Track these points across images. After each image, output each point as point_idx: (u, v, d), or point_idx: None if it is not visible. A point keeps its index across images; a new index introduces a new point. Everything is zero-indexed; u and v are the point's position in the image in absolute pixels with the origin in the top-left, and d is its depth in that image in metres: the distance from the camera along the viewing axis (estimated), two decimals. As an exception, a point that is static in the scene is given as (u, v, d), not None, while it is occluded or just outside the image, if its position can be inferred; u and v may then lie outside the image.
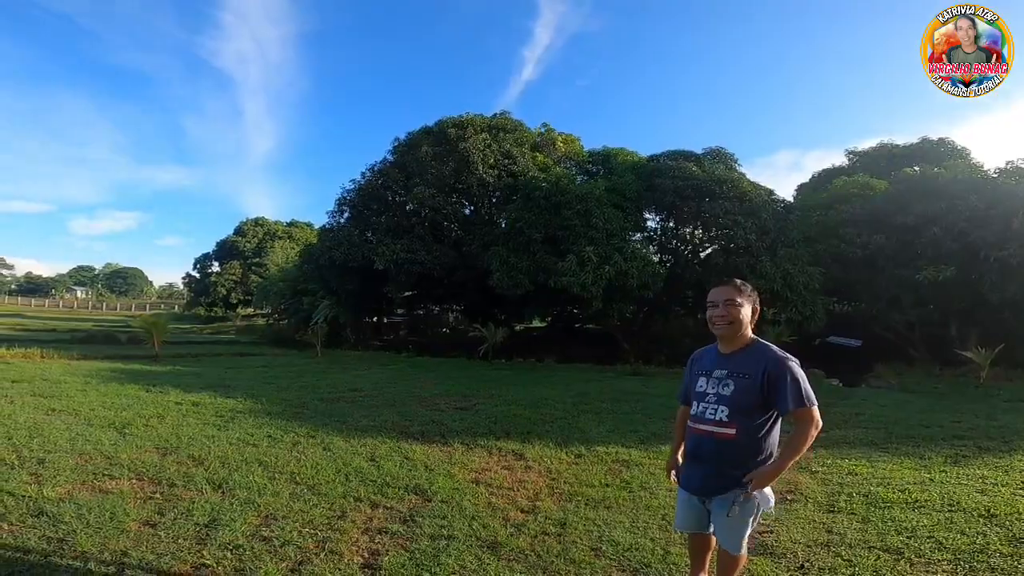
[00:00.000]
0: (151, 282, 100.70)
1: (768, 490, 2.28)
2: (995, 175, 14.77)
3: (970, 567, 2.80)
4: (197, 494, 3.71)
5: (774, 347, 2.29)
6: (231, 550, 2.91)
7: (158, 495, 3.68)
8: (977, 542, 3.10)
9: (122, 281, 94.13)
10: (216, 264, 49.45)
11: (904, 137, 35.53)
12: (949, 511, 3.60)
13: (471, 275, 17.07)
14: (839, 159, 21.99)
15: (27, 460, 4.27)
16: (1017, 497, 3.82)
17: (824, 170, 22.01)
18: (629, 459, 4.90)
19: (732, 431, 2.25)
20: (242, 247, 47.16)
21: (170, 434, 5.30)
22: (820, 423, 2.20)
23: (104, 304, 67.35)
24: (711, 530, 2.45)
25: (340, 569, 2.74)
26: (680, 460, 2.59)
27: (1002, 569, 2.75)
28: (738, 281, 2.40)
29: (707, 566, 2.65)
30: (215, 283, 45.67)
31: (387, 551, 2.97)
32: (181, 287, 70.21)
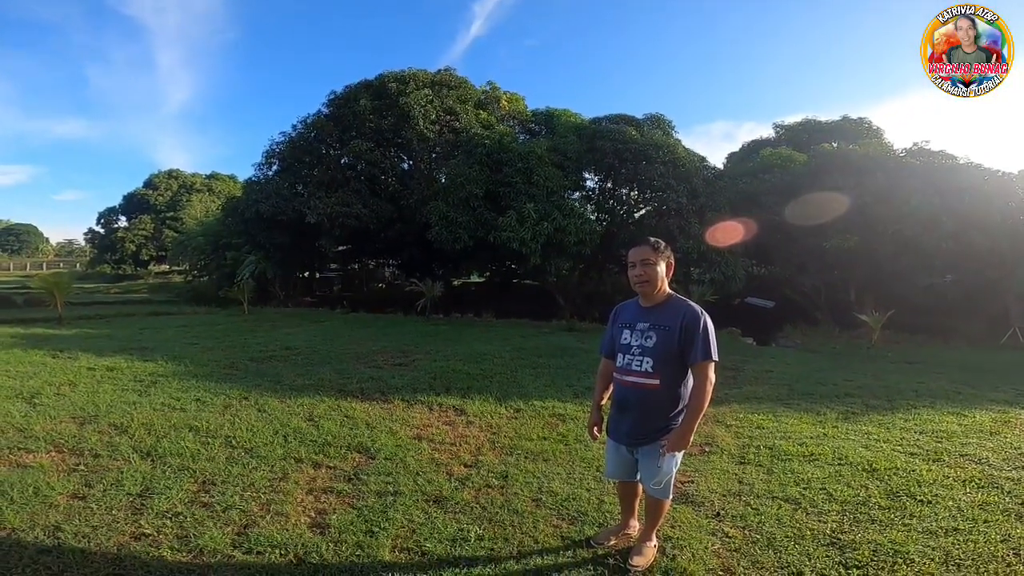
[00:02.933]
0: (48, 239, 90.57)
1: None
2: (902, 155, 16.05)
3: (854, 518, 3.10)
4: (125, 463, 3.54)
5: (690, 301, 2.46)
6: (170, 518, 2.83)
7: (82, 466, 3.48)
8: (860, 495, 3.41)
9: (14, 239, 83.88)
10: (124, 219, 45.16)
11: (828, 114, 37.58)
12: (838, 465, 3.94)
13: (409, 229, 16.75)
14: (768, 132, 23.04)
15: None
16: (896, 453, 4.22)
17: (753, 141, 23.00)
18: (565, 413, 5.11)
19: (656, 381, 2.41)
20: (153, 200, 43.20)
21: (86, 402, 4.96)
22: (714, 379, 2.37)
23: (-8, 260, 60.19)
24: (638, 478, 2.64)
25: (288, 530, 2.75)
26: (601, 415, 2.74)
27: (880, 520, 3.07)
28: (652, 240, 2.53)
29: (636, 511, 2.87)
30: (123, 239, 41.79)
31: (334, 510, 3.00)
32: (83, 244, 63.84)
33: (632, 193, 17.87)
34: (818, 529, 2.94)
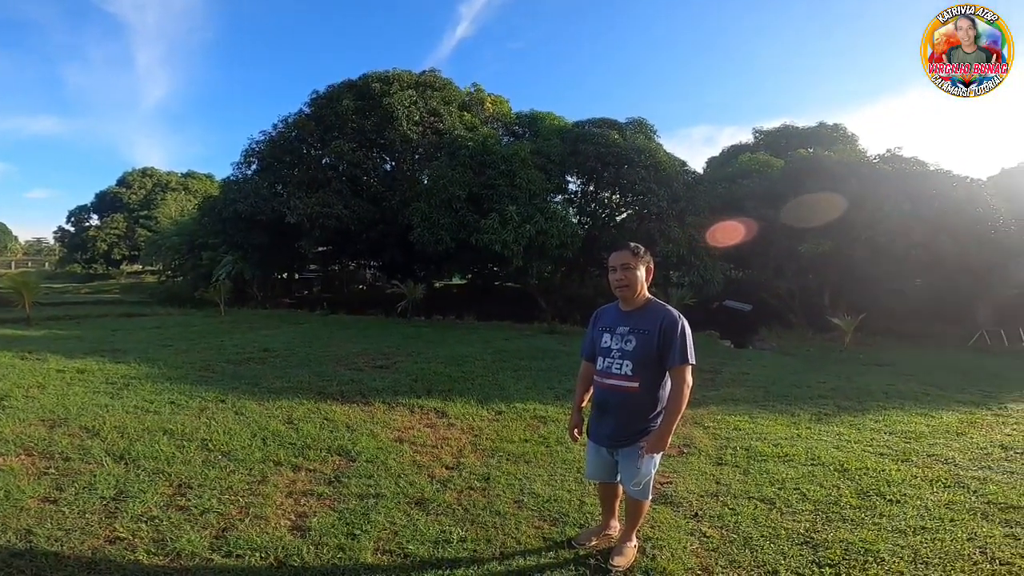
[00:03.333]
0: (16, 238, 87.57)
1: None
2: (875, 161, 16.49)
3: (827, 517, 3.17)
4: (97, 467, 3.45)
5: (668, 306, 2.51)
6: (145, 521, 2.78)
7: (53, 470, 3.39)
8: (832, 494, 3.49)
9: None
10: (95, 217, 44.01)
11: (805, 120, 38.49)
12: (811, 465, 4.03)
13: (391, 231, 16.66)
14: (747, 137, 23.44)
15: None
16: (866, 453, 4.34)
17: (732, 146, 23.37)
18: (546, 415, 5.14)
19: (636, 384, 2.45)
20: (127, 199, 42.20)
21: (55, 405, 4.83)
22: (691, 383, 2.43)
23: (-45, 258, 58.00)
24: (618, 479, 2.67)
25: (268, 533, 2.72)
26: (581, 417, 2.78)
27: (851, 519, 3.15)
28: (633, 245, 2.57)
29: (616, 512, 2.90)
30: (94, 238, 40.71)
31: (315, 513, 2.97)
32: (52, 243, 61.96)
33: (614, 196, 18.03)
34: (792, 528, 3.00)
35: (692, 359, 2.39)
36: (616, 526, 2.87)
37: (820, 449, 4.38)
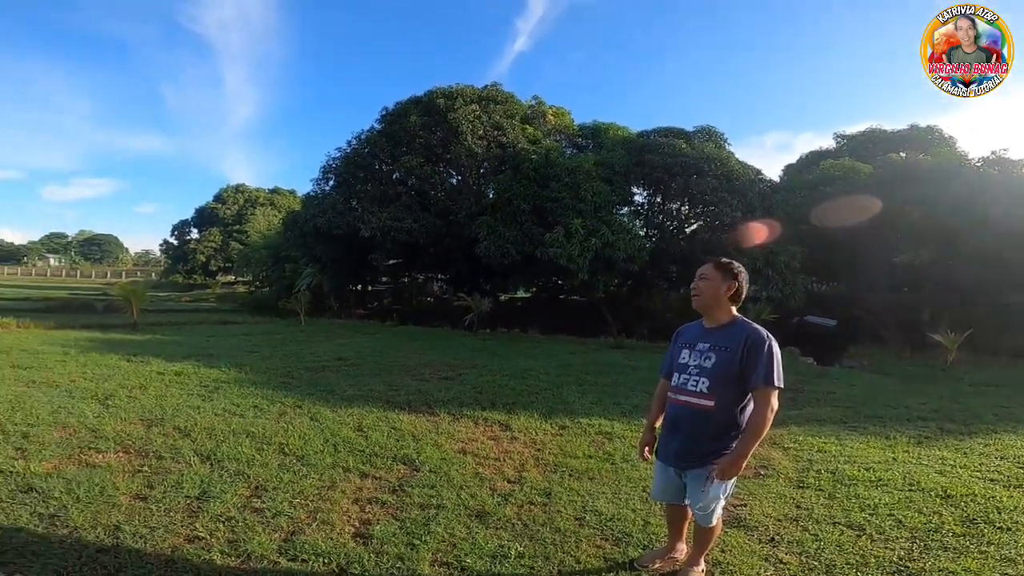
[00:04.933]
0: (127, 249, 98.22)
1: None
2: (978, 164, 15.01)
3: (925, 545, 2.92)
4: (186, 466, 3.70)
5: (757, 325, 2.36)
6: (223, 522, 2.93)
7: (146, 468, 3.65)
8: (933, 521, 3.22)
9: (97, 248, 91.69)
10: (195, 231, 48.50)
11: (893, 123, 35.70)
12: (909, 490, 3.73)
13: (457, 244, 17.02)
14: (827, 142, 22.10)
15: (11, 434, 4.20)
16: (973, 479, 3.97)
17: (812, 152, 22.10)
18: (612, 431, 5.02)
19: (711, 403, 2.33)
20: (222, 214, 46.19)
21: (154, 405, 5.26)
22: (776, 407, 2.25)
23: (79, 272, 65.68)
24: (686, 501, 2.54)
25: (332, 539, 2.80)
26: (654, 436, 2.67)
27: (954, 547, 2.88)
28: (722, 259, 2.46)
29: (684, 535, 2.77)
30: (194, 250, 44.85)
31: (377, 520, 3.03)
32: (158, 254, 68.76)
33: (683, 207, 17.51)
34: (884, 556, 2.78)
35: (779, 382, 2.23)
36: (683, 549, 2.73)
37: (920, 474, 4.05)
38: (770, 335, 2.31)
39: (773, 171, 30.58)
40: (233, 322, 16.08)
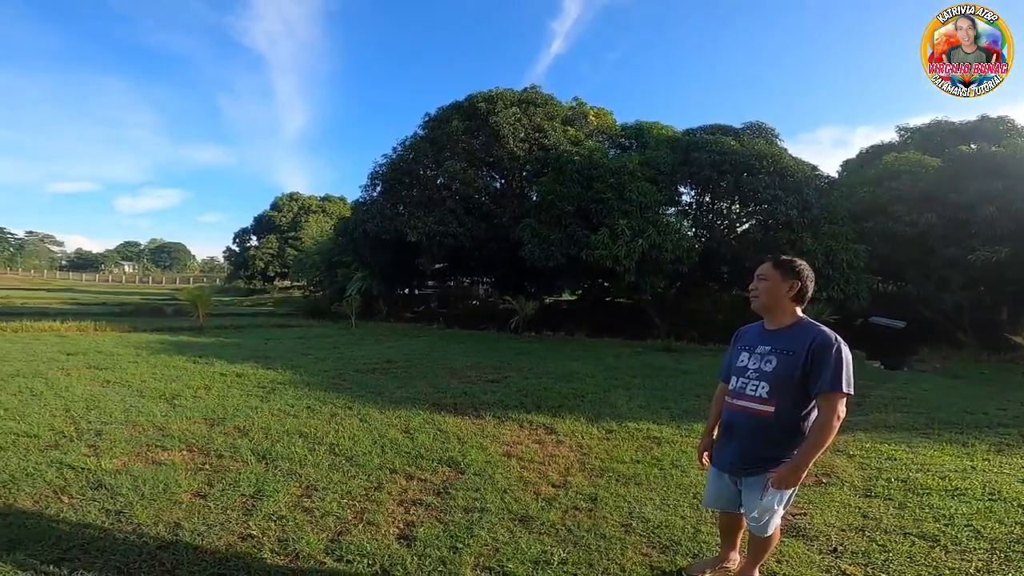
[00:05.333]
0: (194, 256, 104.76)
1: None
2: (1058, 155, 13.82)
3: (1006, 557, 2.73)
4: (243, 465, 3.85)
5: (825, 328, 2.21)
6: (275, 520, 3.02)
7: (207, 466, 3.81)
8: (1015, 532, 3.02)
9: (166, 256, 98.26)
10: (254, 238, 50.99)
11: (960, 115, 33.37)
12: (989, 500, 3.50)
13: (502, 247, 17.11)
14: (889, 136, 20.86)
15: (85, 432, 4.46)
16: None
17: (872, 146, 20.90)
18: (660, 436, 4.89)
19: (771, 408, 2.20)
20: (278, 221, 48.37)
21: (216, 405, 5.52)
22: (843, 414, 2.10)
23: (150, 278, 70.58)
24: (742, 510, 2.42)
25: (377, 540, 2.84)
26: (713, 440, 2.56)
27: None
28: (782, 257, 2.33)
29: (738, 545, 2.65)
30: (253, 257, 47.15)
31: (422, 522, 3.06)
32: (222, 261, 72.79)
33: (733, 207, 16.91)
34: (959, 568, 2.62)
35: (848, 388, 2.07)
36: (736, 559, 2.62)
37: (1001, 483, 3.78)
38: (839, 338, 2.16)
39: (830, 167, 29.11)
40: (289, 325, 16.78)
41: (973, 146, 15.97)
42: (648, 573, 2.61)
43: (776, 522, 2.35)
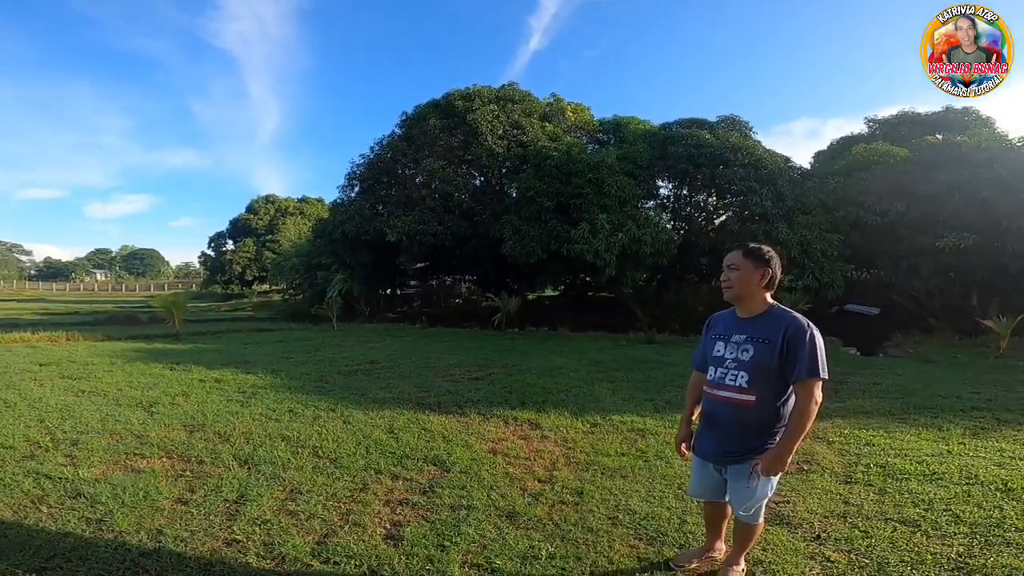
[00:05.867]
0: (168, 262, 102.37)
1: None
2: (1019, 144, 14.34)
3: (986, 540, 2.79)
4: (225, 470, 3.80)
5: (796, 313, 2.25)
6: (259, 525, 2.98)
7: (188, 472, 3.76)
8: (994, 516, 3.09)
9: (139, 262, 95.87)
10: (230, 242, 50.10)
11: (926, 106, 34.12)
12: (967, 484, 3.58)
13: (483, 245, 17.08)
14: (858, 127, 21.16)
15: (61, 442, 4.37)
16: None
17: (843, 138, 21.29)
18: (644, 428, 4.94)
19: (752, 398, 2.24)
20: (254, 224, 47.55)
21: (196, 411, 5.42)
22: (820, 399, 2.15)
23: (123, 286, 68.72)
24: (727, 498, 2.46)
25: (364, 541, 2.82)
26: (690, 431, 2.59)
27: (1017, 543, 2.75)
28: (749, 245, 2.35)
29: (723, 534, 2.69)
30: (230, 261, 46.31)
31: (408, 522, 3.05)
32: (197, 266, 71.35)
33: (710, 199, 17.16)
34: (941, 553, 2.67)
35: (823, 372, 2.12)
36: (722, 548, 2.66)
37: (977, 466, 3.88)
38: (811, 323, 2.20)
39: (803, 158, 29.65)
40: (269, 329, 16.48)
41: (939, 136, 16.43)
42: (635, 565, 2.63)
43: (763, 509, 2.40)
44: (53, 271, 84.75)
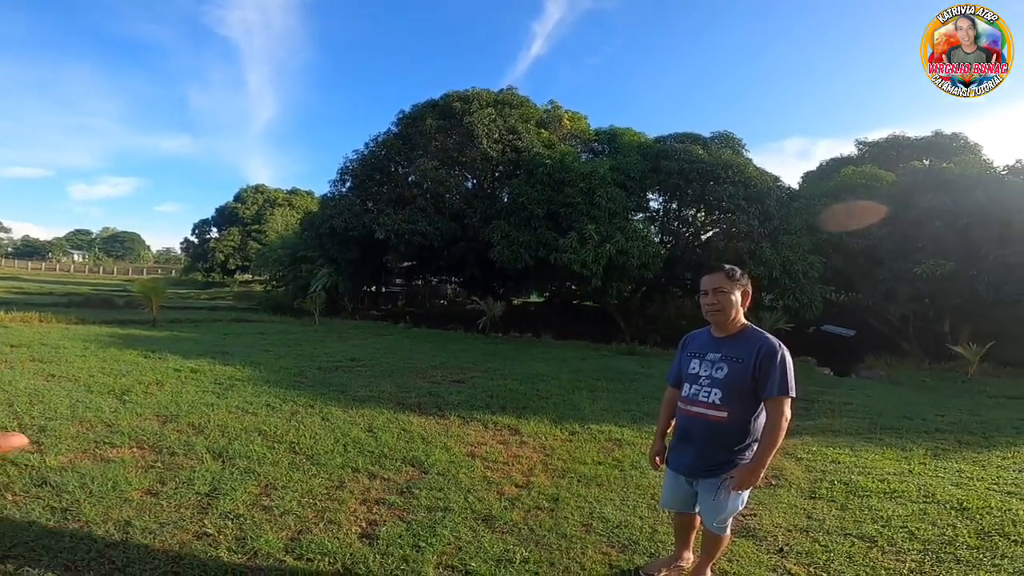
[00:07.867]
0: (149, 247, 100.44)
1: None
2: (1003, 172, 14.71)
3: (937, 558, 2.88)
4: (197, 463, 3.74)
5: (767, 334, 2.35)
6: (232, 519, 2.95)
7: (159, 464, 3.69)
8: (947, 534, 3.18)
9: (119, 246, 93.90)
10: (215, 230, 49.38)
11: (917, 130, 35.19)
12: (924, 502, 3.69)
13: (472, 247, 17.11)
14: (849, 149, 21.74)
15: (28, 427, 4.24)
16: (990, 492, 3.91)
17: (833, 159, 21.79)
18: (622, 438, 4.99)
19: (724, 414, 2.31)
20: (241, 214, 46.94)
21: (169, 401, 5.33)
22: (789, 415, 2.24)
23: (101, 268, 67.25)
24: (696, 510, 2.54)
25: (339, 539, 2.81)
26: (664, 444, 2.65)
27: (967, 560, 2.84)
28: (728, 267, 2.42)
29: (691, 544, 2.75)
30: (214, 249, 45.56)
31: (384, 521, 3.05)
32: (179, 252, 70.12)
33: (699, 214, 17.42)
34: (895, 568, 2.76)
35: (792, 391, 2.21)
36: (689, 558, 2.72)
37: (935, 486, 4.00)
38: (781, 344, 2.29)
39: (793, 178, 30.25)
40: (249, 320, 16.27)
41: (926, 161, 16.87)
42: (607, 571, 2.67)
43: (731, 521, 2.47)
44: (31, 250, 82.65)
